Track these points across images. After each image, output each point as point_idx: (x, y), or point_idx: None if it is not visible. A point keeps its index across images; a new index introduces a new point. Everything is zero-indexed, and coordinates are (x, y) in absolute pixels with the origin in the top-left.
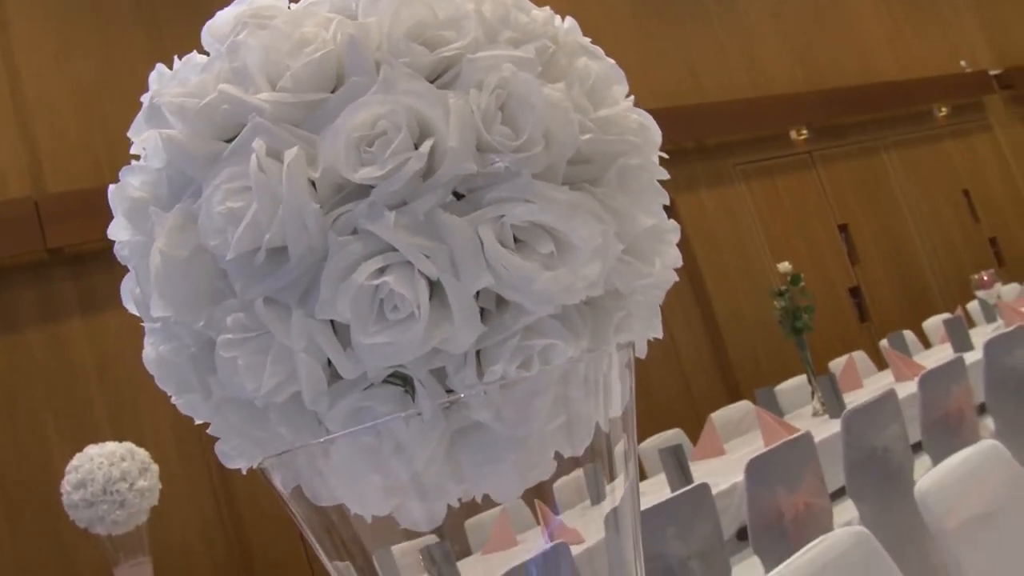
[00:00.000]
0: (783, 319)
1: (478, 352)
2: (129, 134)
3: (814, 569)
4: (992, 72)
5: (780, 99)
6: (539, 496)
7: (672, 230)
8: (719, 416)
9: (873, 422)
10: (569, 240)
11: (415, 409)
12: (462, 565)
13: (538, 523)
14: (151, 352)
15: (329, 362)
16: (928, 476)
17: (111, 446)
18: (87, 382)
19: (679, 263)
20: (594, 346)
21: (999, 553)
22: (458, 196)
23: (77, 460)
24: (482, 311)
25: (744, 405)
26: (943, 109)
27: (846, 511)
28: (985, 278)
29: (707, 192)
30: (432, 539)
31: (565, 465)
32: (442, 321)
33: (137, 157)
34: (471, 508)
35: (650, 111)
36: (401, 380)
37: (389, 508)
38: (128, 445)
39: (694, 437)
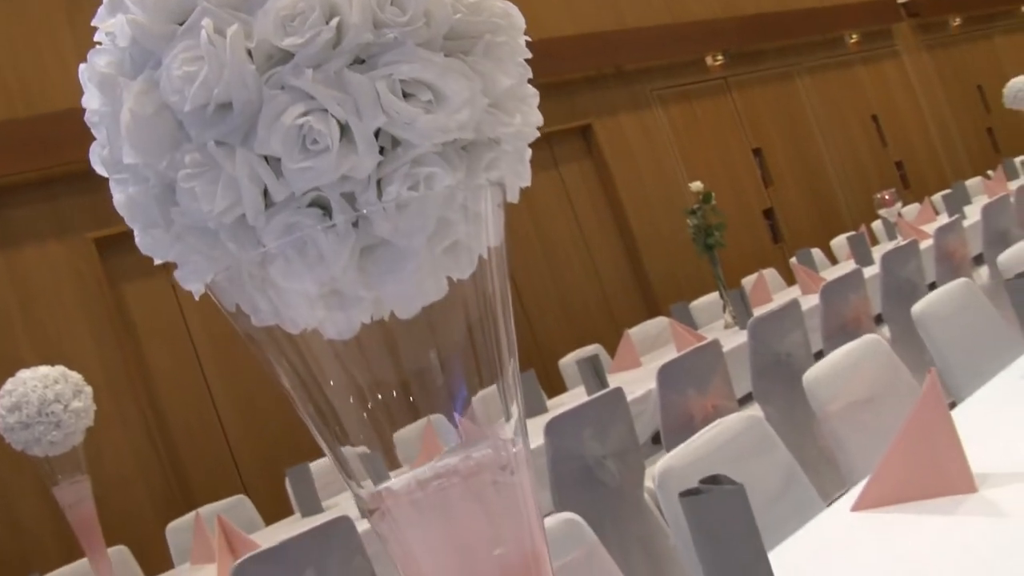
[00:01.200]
0: (696, 236)
1: (379, 181)
2: (94, 23)
3: (711, 449)
4: (899, 0)
5: (697, 25)
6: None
7: (532, 95)
8: (636, 331)
9: (777, 329)
10: (444, 92)
11: (332, 222)
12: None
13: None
14: (121, 197)
15: (265, 191)
16: (816, 366)
17: (44, 369)
18: (10, 321)
19: (540, 123)
20: (469, 180)
21: (877, 433)
22: (360, 60)
23: (10, 384)
24: (381, 150)
25: (661, 321)
26: (854, 36)
27: (753, 413)
28: (887, 197)
29: (626, 116)
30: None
31: (455, 288)
32: (350, 152)
33: (99, 43)
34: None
35: (570, 37)
36: (321, 208)
37: (315, 320)
38: (61, 368)
39: (614, 353)
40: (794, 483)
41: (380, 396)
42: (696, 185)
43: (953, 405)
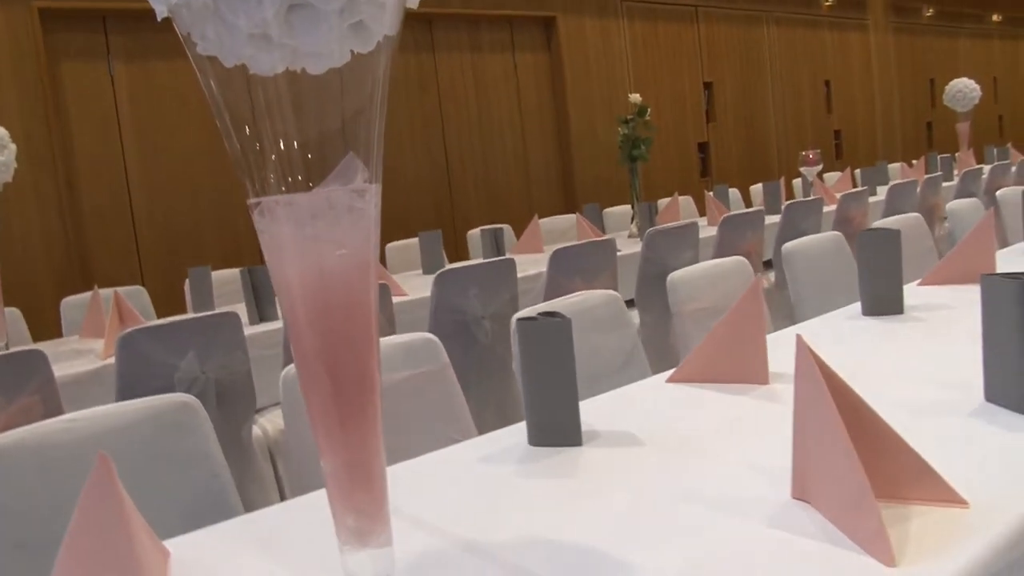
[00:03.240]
0: (622, 145)
1: None
2: None
3: (571, 312)
4: None
5: None
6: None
7: None
8: (547, 221)
9: (671, 245)
10: None
11: None
12: None
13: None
14: None
15: None
16: (683, 270)
17: None
18: None
19: None
20: None
21: None
22: None
23: None
24: None
25: (572, 217)
26: (829, 0)
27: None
28: (811, 156)
29: (590, 19)
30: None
31: (355, 60)
32: None
33: None
34: (297, 78)
35: None
36: None
37: (245, 56)
38: None
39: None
40: (635, 359)
41: (285, 131)
42: (635, 97)
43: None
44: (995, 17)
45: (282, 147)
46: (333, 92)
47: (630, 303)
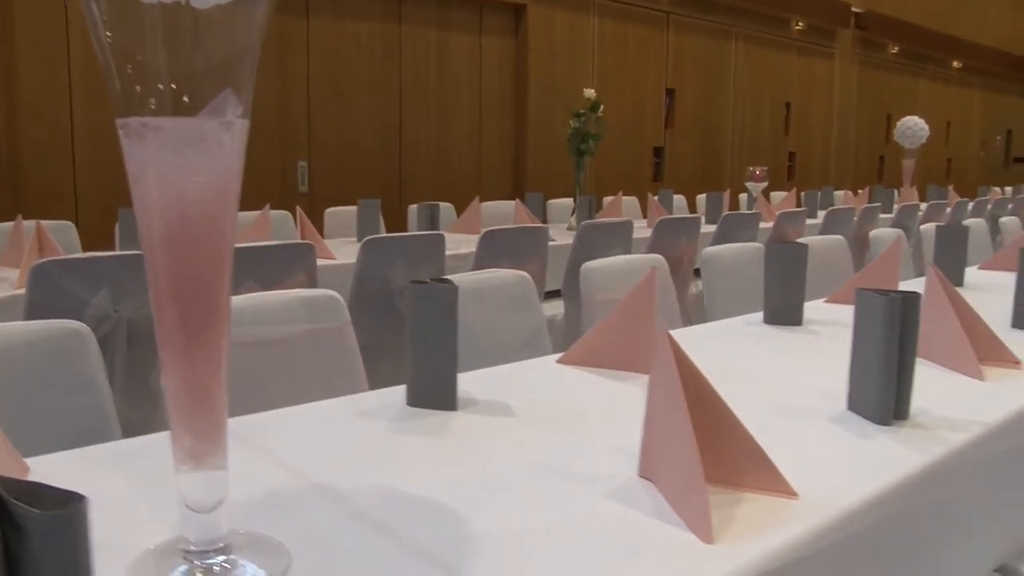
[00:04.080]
0: (571, 138)
1: None
2: None
3: (479, 287)
4: (855, 9)
5: None
6: None
7: None
8: (490, 205)
9: (603, 240)
10: None
11: None
12: None
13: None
14: None
15: None
16: (597, 260)
17: None
18: None
19: None
20: None
21: None
22: None
23: None
24: None
25: (515, 203)
26: (800, 24)
27: (555, 307)
28: (757, 172)
29: (562, 12)
30: None
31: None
32: None
33: None
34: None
35: None
36: None
37: None
38: None
39: None
40: (538, 342)
41: (162, 63)
42: (589, 92)
43: None
44: (955, 64)
45: (159, 79)
46: (216, 29)
47: (558, 293)
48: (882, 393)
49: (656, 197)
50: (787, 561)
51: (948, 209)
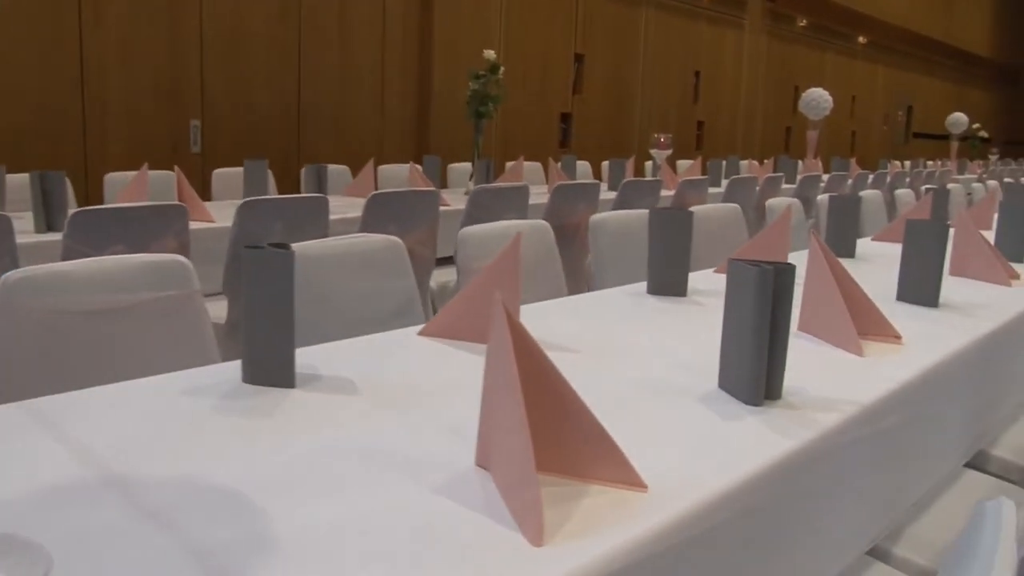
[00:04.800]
0: (471, 101)
1: None
2: None
3: (349, 252)
4: None
5: None
6: None
7: None
8: (385, 168)
9: (498, 204)
10: None
11: None
12: None
13: None
14: None
15: None
16: (474, 226)
17: None
18: None
19: None
20: None
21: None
22: None
23: None
24: None
25: (410, 166)
26: None
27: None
28: (662, 139)
29: None
30: None
31: None
32: None
33: None
34: None
35: None
36: None
37: None
38: None
39: None
40: (410, 311)
41: None
42: (489, 54)
43: None
44: (861, 39)
45: None
46: None
47: (450, 259)
48: (752, 372)
49: (559, 163)
50: (625, 564)
51: (849, 181)
